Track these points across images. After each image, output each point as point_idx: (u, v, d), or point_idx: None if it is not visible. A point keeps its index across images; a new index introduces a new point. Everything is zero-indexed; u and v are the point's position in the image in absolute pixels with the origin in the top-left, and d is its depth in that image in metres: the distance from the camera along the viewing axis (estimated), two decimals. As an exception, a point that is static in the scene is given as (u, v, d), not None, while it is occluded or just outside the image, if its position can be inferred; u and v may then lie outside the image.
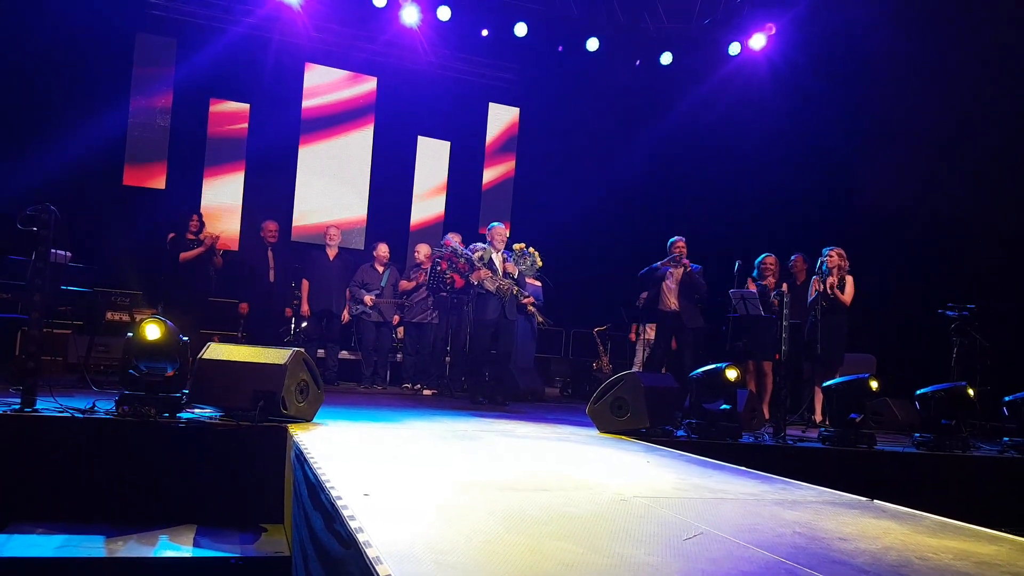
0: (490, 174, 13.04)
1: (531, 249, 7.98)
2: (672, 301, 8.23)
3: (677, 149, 12.33)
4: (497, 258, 7.76)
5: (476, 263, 7.66)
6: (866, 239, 9.18)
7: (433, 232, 11.84)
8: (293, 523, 3.50)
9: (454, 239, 8.38)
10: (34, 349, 4.35)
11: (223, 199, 11.15)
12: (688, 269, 8.13)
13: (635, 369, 9.89)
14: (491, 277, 7.61)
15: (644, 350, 10.18)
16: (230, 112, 11.20)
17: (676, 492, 3.35)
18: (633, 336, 10.49)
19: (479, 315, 7.71)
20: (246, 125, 11.24)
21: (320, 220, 11.25)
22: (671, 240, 8.33)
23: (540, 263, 8.03)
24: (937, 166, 9.18)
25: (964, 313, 7.48)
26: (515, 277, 7.74)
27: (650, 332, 10.07)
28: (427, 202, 12.54)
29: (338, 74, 11.95)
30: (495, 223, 8.09)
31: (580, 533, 2.43)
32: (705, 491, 3.42)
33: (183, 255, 7.96)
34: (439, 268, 8.40)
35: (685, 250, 8.23)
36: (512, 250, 7.90)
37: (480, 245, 7.92)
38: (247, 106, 11.25)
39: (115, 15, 10.17)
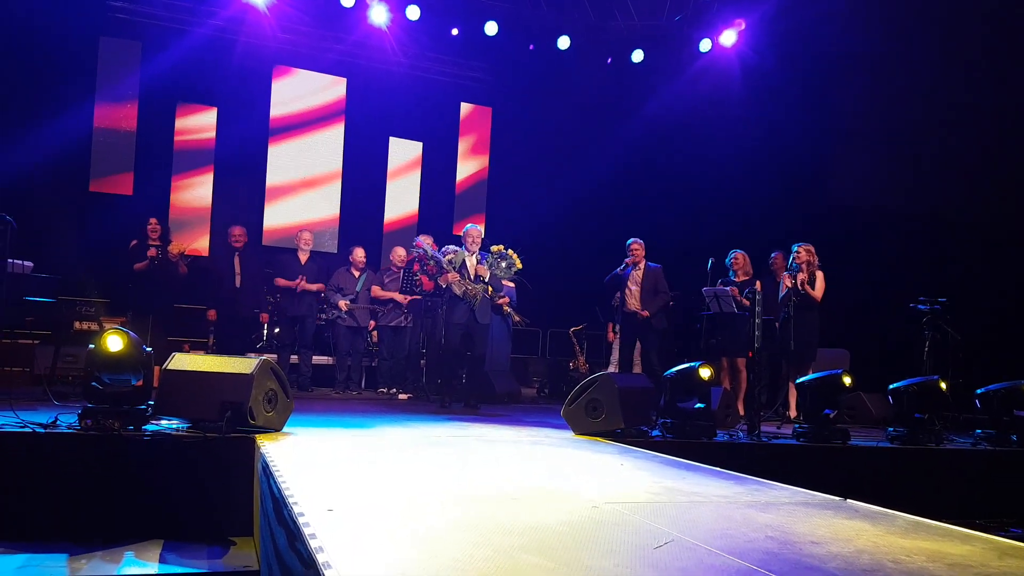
0: (463, 174, 12.99)
1: (510, 251, 7.88)
2: (634, 302, 8.24)
3: (650, 146, 12.33)
4: (470, 261, 7.63)
5: (445, 266, 7.54)
6: (837, 235, 9.22)
7: (407, 233, 11.76)
8: (260, 537, 3.43)
9: (425, 241, 8.23)
10: (-8, 364, 4.23)
11: (192, 204, 11.00)
12: (644, 270, 8.18)
13: (612, 369, 9.88)
14: (459, 281, 7.48)
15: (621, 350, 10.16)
16: (197, 116, 11.05)
17: (649, 497, 3.32)
18: (610, 336, 10.47)
19: (449, 317, 7.60)
20: (214, 129, 11.10)
21: (292, 223, 11.13)
22: (628, 242, 8.37)
23: (519, 265, 7.94)
24: (907, 162, 9.26)
25: (936, 307, 7.53)
26: (486, 280, 7.61)
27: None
28: (400, 203, 12.46)
29: (307, 76, 11.84)
30: (470, 226, 7.93)
31: (551, 545, 2.38)
32: (678, 495, 3.39)
33: (136, 266, 7.73)
34: (412, 270, 8.36)
35: (641, 252, 8.28)
36: (489, 252, 7.79)
37: (453, 248, 7.80)
38: (214, 109, 11.11)
39: (78, 18, 10.00)
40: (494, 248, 7.81)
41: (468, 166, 13.03)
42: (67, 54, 10.08)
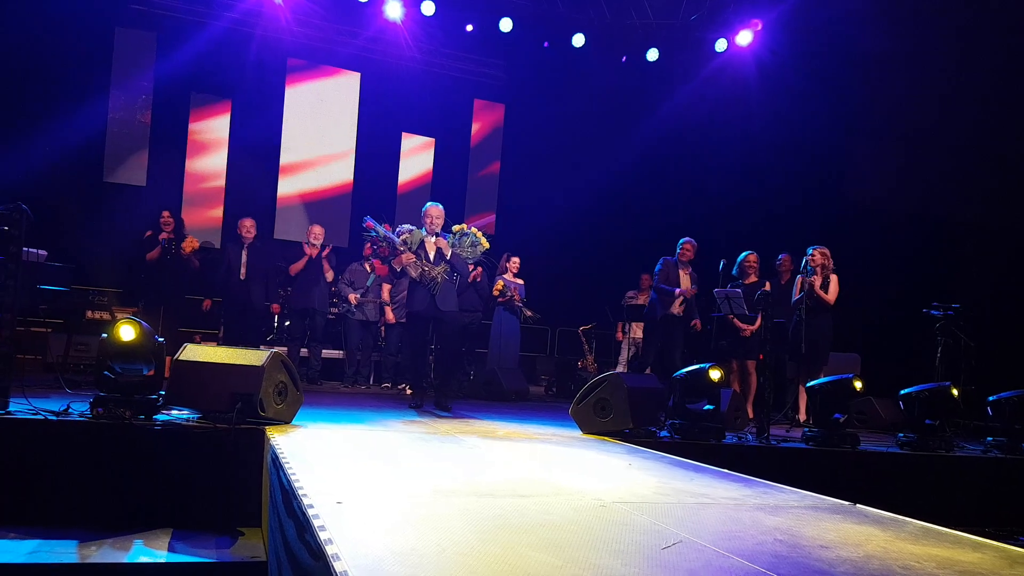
0: (475, 170, 12.99)
1: (473, 229, 7.09)
2: (680, 306, 8.10)
3: (663, 146, 12.30)
4: (429, 241, 6.80)
5: (399, 247, 6.78)
6: (851, 238, 9.19)
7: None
8: (269, 528, 3.44)
9: (373, 221, 7.17)
10: (6, 350, 4.25)
11: (205, 195, 11.04)
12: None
13: (620, 368, 9.87)
14: (415, 262, 6.69)
15: (629, 349, 10.15)
16: (211, 108, 11.09)
17: (657, 497, 3.31)
18: (619, 335, 10.46)
19: (408, 306, 6.89)
20: (228, 121, 11.13)
21: (303, 217, 11.16)
22: (681, 241, 8.18)
23: (485, 244, 7.08)
24: (923, 165, 9.20)
25: (949, 313, 7.49)
26: (447, 257, 6.76)
27: (636, 331, 10.03)
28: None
29: (321, 70, 11.85)
30: (430, 203, 7.08)
31: (558, 543, 2.38)
32: (686, 496, 3.38)
33: (148, 255, 7.83)
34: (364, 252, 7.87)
35: (691, 253, 8.13)
36: (451, 232, 7.00)
37: (408, 227, 6.96)
38: (229, 102, 11.14)
39: (94, 10, 10.06)
40: (455, 227, 7.05)
41: (480, 163, 13.03)
42: (83, 45, 10.13)
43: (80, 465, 4.12)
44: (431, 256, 6.73)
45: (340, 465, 3.59)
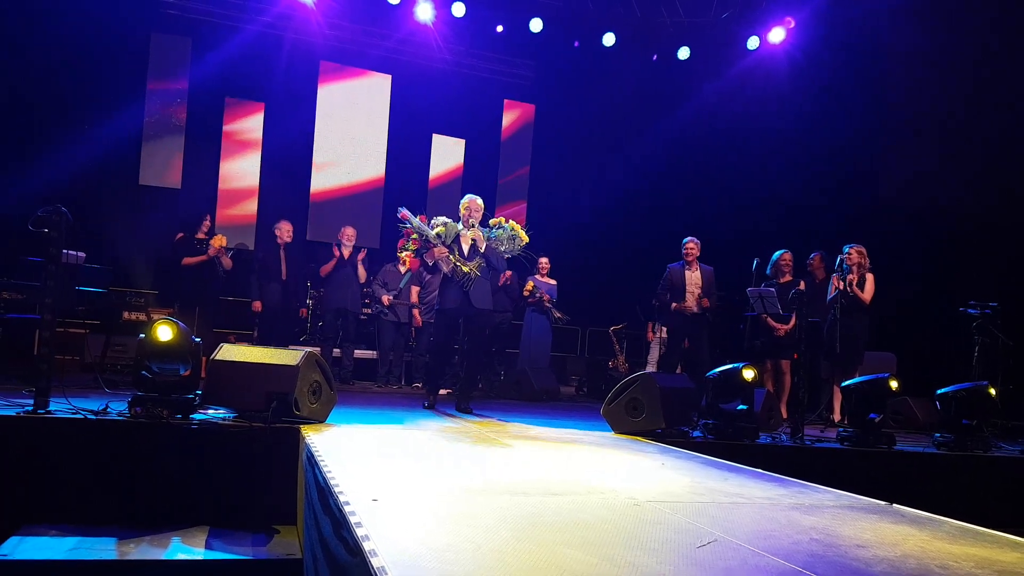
0: (505, 171, 13.00)
1: (511, 223, 6.76)
2: (691, 303, 8.07)
3: (694, 145, 12.24)
4: (466, 235, 6.50)
5: (433, 240, 6.44)
6: (887, 236, 9.05)
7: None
8: (304, 526, 3.47)
9: (407, 211, 6.86)
10: (46, 351, 4.34)
11: (239, 198, 11.18)
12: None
13: (650, 368, 9.82)
14: (446, 256, 6.39)
15: (660, 349, 10.10)
16: (245, 111, 11.22)
17: (691, 496, 3.30)
18: (650, 335, 10.42)
19: (440, 303, 6.57)
20: (261, 124, 11.26)
21: (335, 219, 11.24)
22: (684, 241, 8.21)
23: (525, 238, 6.77)
24: (959, 162, 9.05)
25: (986, 311, 7.37)
26: (482, 250, 6.48)
27: (666, 331, 9.98)
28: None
29: (352, 72, 11.94)
30: (470, 196, 6.71)
31: (592, 541, 2.38)
32: (720, 495, 3.37)
33: (186, 260, 7.98)
34: (397, 245, 7.65)
35: (696, 251, 8.11)
36: (487, 226, 6.73)
37: (443, 219, 6.63)
38: (262, 104, 11.27)
39: (130, 15, 10.22)
40: (491, 221, 6.74)
41: (510, 163, 13.04)
42: (119, 50, 10.30)
43: (119, 463, 4.19)
44: (465, 251, 6.46)
45: (374, 463, 3.62)
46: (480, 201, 6.62)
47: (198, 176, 10.87)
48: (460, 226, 6.54)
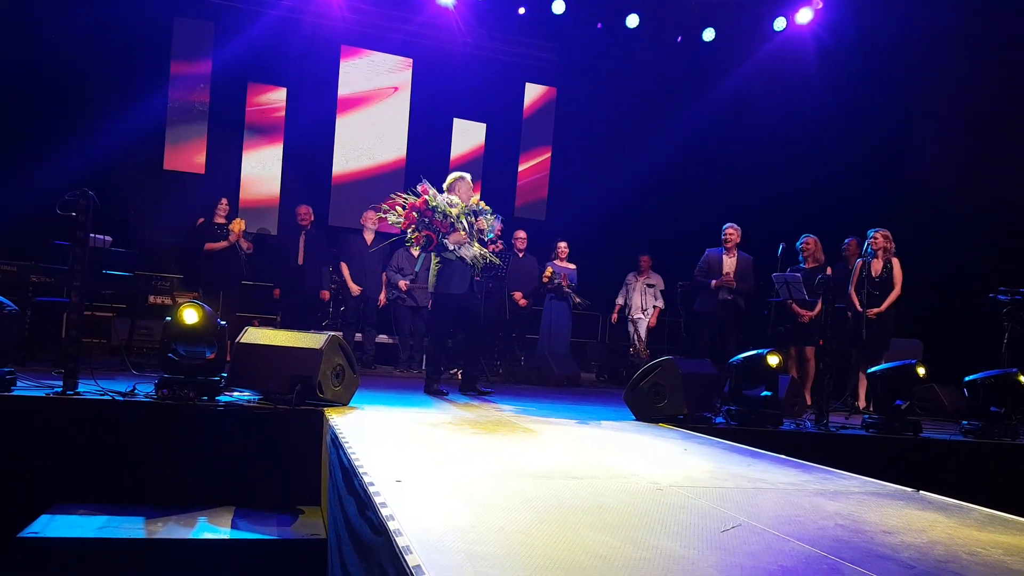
0: (526, 155, 12.95)
1: (482, 203, 6.48)
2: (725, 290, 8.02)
3: (719, 128, 12.09)
4: (465, 219, 6.26)
5: (456, 223, 6.13)
6: (914, 222, 8.93)
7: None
8: (329, 506, 3.50)
9: (428, 184, 6.36)
10: (74, 333, 4.39)
11: (261, 183, 11.22)
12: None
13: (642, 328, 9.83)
14: (468, 242, 6.15)
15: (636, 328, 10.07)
16: (267, 95, 11.25)
17: (714, 481, 3.29)
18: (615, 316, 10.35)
19: (443, 287, 6.26)
20: (283, 109, 11.28)
21: (357, 204, 11.26)
22: (724, 227, 8.14)
23: (498, 226, 6.65)
24: (990, 145, 8.89)
25: (1017, 297, 7.26)
26: (485, 238, 6.37)
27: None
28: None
29: (373, 56, 11.92)
30: (460, 173, 6.47)
31: (615, 524, 2.38)
32: (743, 480, 3.35)
33: (208, 245, 8.05)
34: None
35: (736, 237, 8.06)
36: (482, 209, 6.43)
37: (452, 199, 6.29)
38: (284, 89, 11.29)
39: (153, 1, 10.25)
40: (473, 200, 6.47)
41: (532, 147, 12.98)
42: (142, 36, 10.33)
43: (146, 444, 4.25)
44: (473, 235, 6.29)
45: (397, 446, 3.64)
46: (469, 180, 6.51)
47: (221, 161, 10.92)
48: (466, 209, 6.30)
